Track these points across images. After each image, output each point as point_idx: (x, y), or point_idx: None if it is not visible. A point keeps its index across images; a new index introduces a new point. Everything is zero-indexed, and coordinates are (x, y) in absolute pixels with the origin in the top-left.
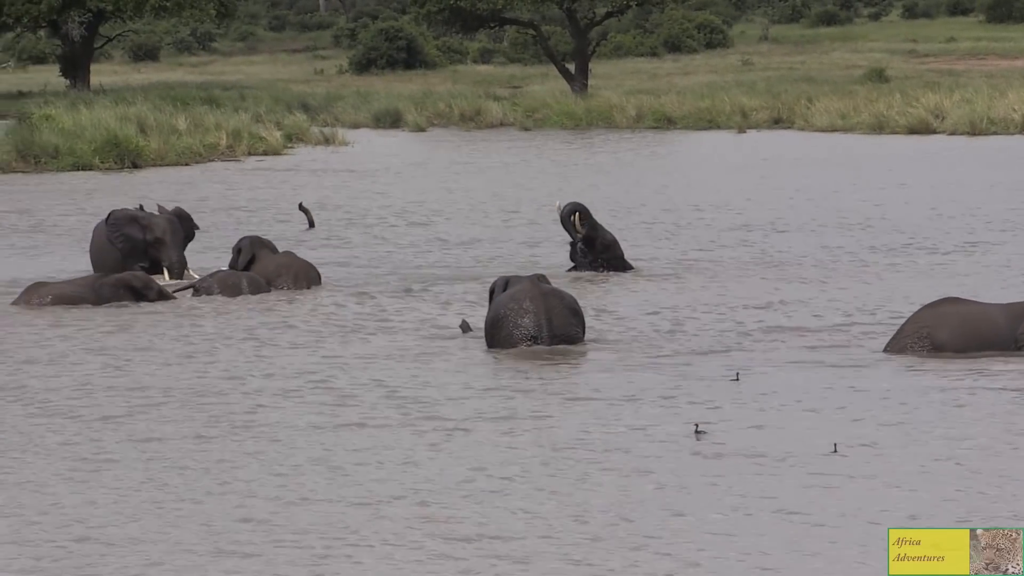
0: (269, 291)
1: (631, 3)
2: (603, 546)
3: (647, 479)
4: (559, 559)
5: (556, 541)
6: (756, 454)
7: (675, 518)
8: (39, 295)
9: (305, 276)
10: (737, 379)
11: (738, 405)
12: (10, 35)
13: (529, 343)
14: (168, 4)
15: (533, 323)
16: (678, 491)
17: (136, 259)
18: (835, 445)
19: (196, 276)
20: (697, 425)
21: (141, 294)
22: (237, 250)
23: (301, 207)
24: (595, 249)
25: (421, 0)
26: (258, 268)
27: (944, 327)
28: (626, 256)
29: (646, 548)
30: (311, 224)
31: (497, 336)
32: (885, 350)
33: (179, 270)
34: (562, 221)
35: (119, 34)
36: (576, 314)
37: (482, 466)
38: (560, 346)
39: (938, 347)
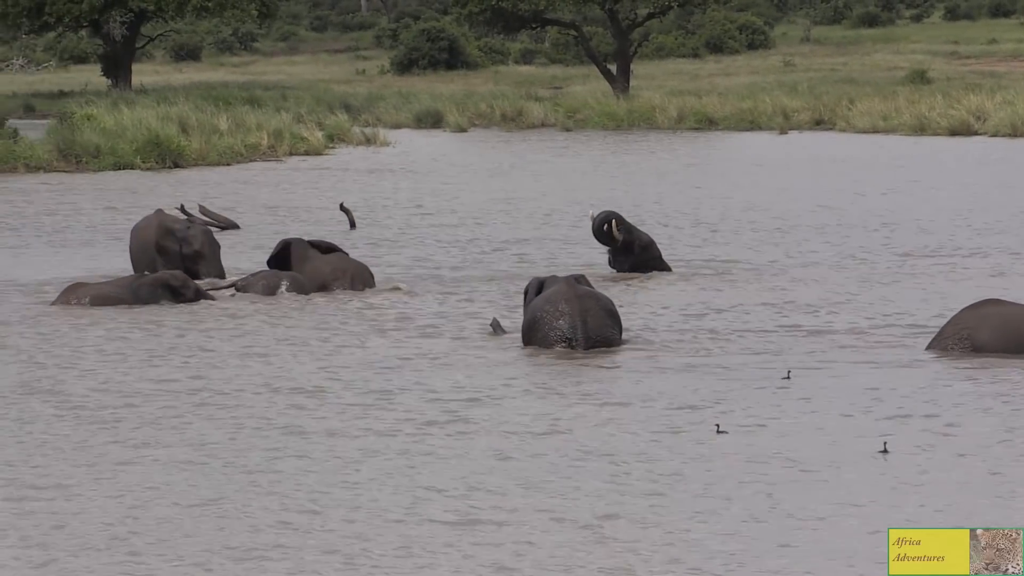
0: (311, 291)
1: (673, 4)
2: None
3: (672, 480)
4: (585, 561)
5: (584, 543)
6: (799, 455)
7: (689, 518)
8: (78, 295)
9: (361, 278)
10: (788, 377)
11: (788, 404)
12: (52, 34)
13: (564, 345)
14: (210, 4)
15: (568, 325)
16: (704, 493)
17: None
18: (884, 444)
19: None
20: (718, 425)
21: (179, 293)
22: (279, 249)
23: (342, 207)
24: (633, 252)
25: (463, 1)
26: (311, 269)
27: (985, 328)
28: (666, 257)
29: (670, 548)
30: (352, 225)
31: (533, 338)
32: (926, 350)
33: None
34: (595, 233)
35: (161, 34)
36: (612, 316)
37: (515, 468)
38: (597, 348)
39: (978, 348)
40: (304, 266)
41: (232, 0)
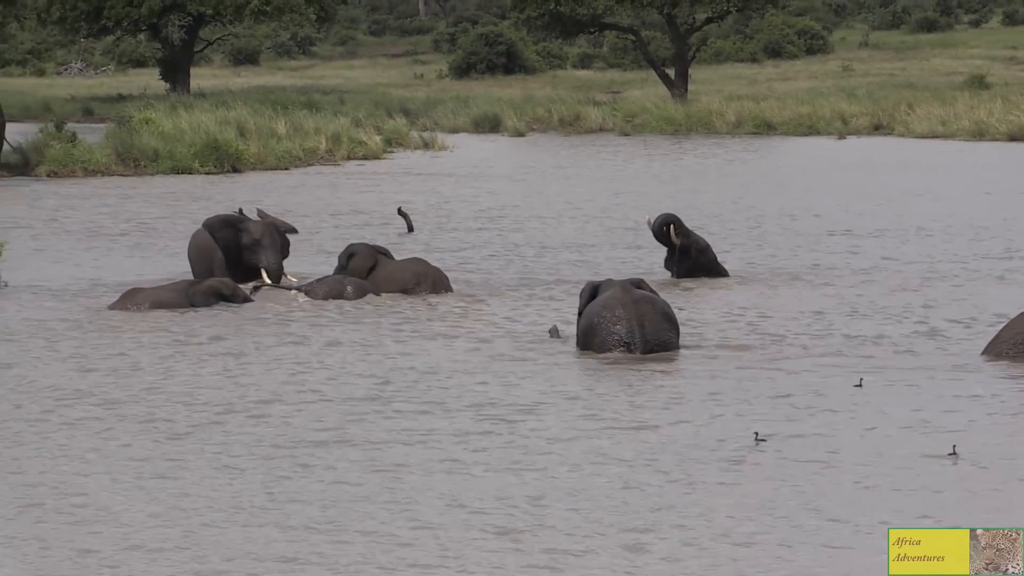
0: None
1: (732, 8)
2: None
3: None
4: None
5: (646, 544)
6: (872, 458)
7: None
8: (136, 300)
9: (441, 284)
10: (860, 385)
11: (860, 410)
12: (110, 38)
13: (623, 349)
14: (268, 8)
15: (626, 330)
16: (744, 495)
17: (234, 263)
18: (954, 447)
19: (294, 280)
20: (757, 433)
21: (230, 300)
22: (348, 256)
23: (400, 211)
24: (690, 256)
25: (521, 5)
26: (387, 274)
27: None
28: (723, 261)
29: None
30: (410, 228)
31: (591, 343)
32: (982, 355)
33: (277, 273)
34: (655, 235)
35: (219, 38)
36: (670, 319)
37: (576, 474)
38: (655, 352)
39: None
40: (377, 271)
41: (291, 4)
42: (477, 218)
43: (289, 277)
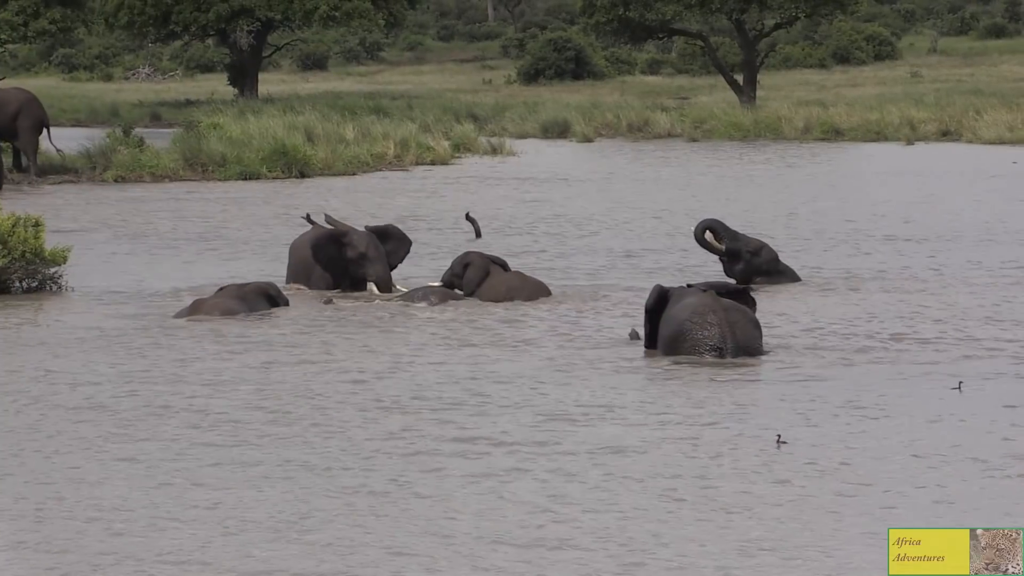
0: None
1: (800, 15)
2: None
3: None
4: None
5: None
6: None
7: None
8: (205, 310)
9: (539, 295)
10: (959, 389)
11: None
12: (178, 43)
13: (715, 355)
14: (337, 14)
15: (718, 336)
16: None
17: (339, 277)
18: None
19: (404, 290)
20: (779, 435)
21: (276, 302)
22: (464, 265)
23: (468, 217)
24: (742, 258)
25: (590, 11)
26: (487, 287)
27: None
28: (797, 267)
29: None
30: (478, 234)
31: (680, 348)
32: None
33: (387, 284)
34: (698, 242)
35: (287, 43)
36: (757, 326)
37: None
38: (750, 357)
39: None
40: (487, 282)
41: (359, 10)
42: (545, 223)
43: (398, 287)
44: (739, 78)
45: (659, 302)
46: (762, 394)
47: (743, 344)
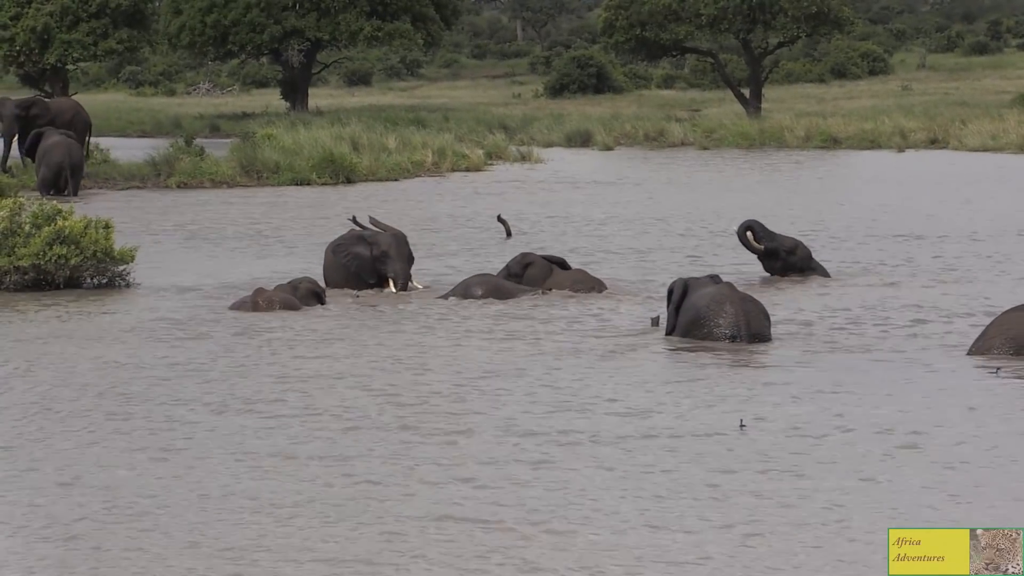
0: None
1: (801, 34)
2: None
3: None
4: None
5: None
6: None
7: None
8: (266, 298)
9: (601, 290)
10: (997, 374)
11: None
12: (235, 62)
13: (729, 341)
14: (380, 34)
15: (733, 323)
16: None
17: (367, 275)
18: None
19: (420, 287)
20: (742, 420)
21: (321, 299)
22: (524, 265)
23: (499, 219)
24: (780, 257)
25: (610, 31)
26: (552, 283)
27: None
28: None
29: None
30: (508, 234)
31: (698, 333)
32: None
33: (404, 281)
34: (741, 241)
35: (335, 61)
36: (767, 316)
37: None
38: (756, 343)
39: None
40: (550, 279)
41: (400, 31)
42: (570, 224)
43: (415, 284)
44: (746, 92)
45: (683, 294)
46: (774, 380)
47: (756, 332)
